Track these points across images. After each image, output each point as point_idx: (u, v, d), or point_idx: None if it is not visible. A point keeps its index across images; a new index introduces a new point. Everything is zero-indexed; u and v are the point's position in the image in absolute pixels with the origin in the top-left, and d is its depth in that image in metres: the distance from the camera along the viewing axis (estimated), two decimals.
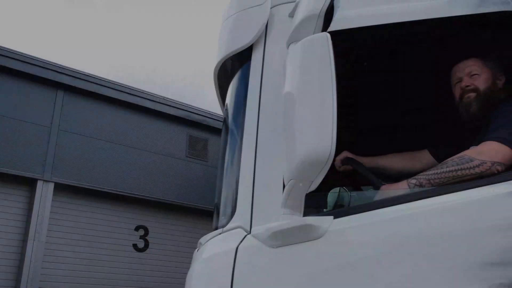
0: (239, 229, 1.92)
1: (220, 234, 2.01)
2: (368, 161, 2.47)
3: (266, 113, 2.06)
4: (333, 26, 1.93)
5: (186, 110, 10.89)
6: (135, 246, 9.78)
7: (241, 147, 2.07)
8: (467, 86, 2.15)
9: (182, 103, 10.99)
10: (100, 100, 10.06)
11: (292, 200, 1.73)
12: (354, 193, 2.28)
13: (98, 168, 9.59)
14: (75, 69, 9.91)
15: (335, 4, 2.00)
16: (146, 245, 10.00)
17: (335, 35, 1.99)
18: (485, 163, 1.80)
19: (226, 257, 1.84)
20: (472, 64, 2.17)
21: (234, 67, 2.30)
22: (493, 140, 1.87)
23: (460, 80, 2.19)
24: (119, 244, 9.60)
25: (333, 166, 2.10)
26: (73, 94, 9.78)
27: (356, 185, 2.55)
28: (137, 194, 9.89)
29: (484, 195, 1.73)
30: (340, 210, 1.89)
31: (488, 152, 1.83)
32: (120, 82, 10.45)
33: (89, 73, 10.23)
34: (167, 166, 10.44)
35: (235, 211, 1.98)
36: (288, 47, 1.90)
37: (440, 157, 2.32)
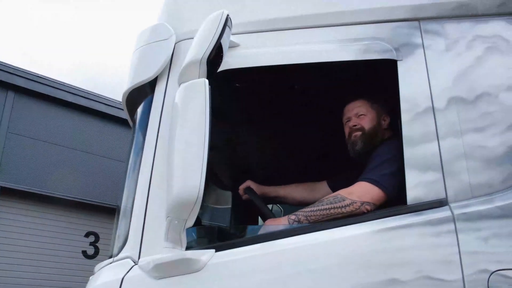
0: (128, 259, 1.99)
1: (111, 263, 2.07)
2: (270, 191, 2.59)
3: (163, 147, 2.14)
4: (226, 66, 2.06)
5: None
6: (84, 253, 9.71)
7: (138, 178, 2.14)
8: (354, 125, 2.30)
9: None
10: (54, 103, 9.96)
11: (172, 235, 1.82)
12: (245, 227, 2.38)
13: (48, 173, 9.48)
14: (28, 71, 9.77)
15: (232, 44, 2.13)
16: (96, 251, 9.94)
17: (231, 73, 2.13)
18: (355, 202, 1.94)
19: (112, 287, 1.91)
20: (360, 105, 2.32)
21: (139, 98, 2.37)
22: (365, 181, 2.02)
23: (349, 119, 2.34)
24: (68, 251, 9.51)
25: None
26: (26, 96, 9.63)
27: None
28: (89, 200, 9.82)
29: (351, 233, 1.87)
30: (223, 244, 1.98)
31: (359, 192, 1.97)
32: (77, 86, 10.37)
33: (43, 75, 10.11)
34: (120, 172, 10.38)
35: (126, 241, 2.05)
36: (179, 86, 2.00)
37: (335, 189, 2.46)
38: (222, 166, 3.44)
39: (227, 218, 3.53)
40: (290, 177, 2.87)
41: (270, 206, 3.70)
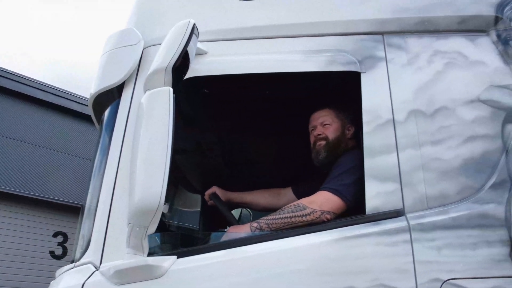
0: (89, 265, 1.99)
1: (72, 268, 2.07)
2: (236, 196, 2.62)
3: (128, 153, 2.14)
4: (193, 73, 2.08)
5: None
6: (52, 253, 9.54)
7: (102, 183, 2.14)
8: (319, 134, 2.36)
9: None
10: (24, 100, 9.76)
11: (133, 241, 1.82)
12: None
13: (15, 171, 9.28)
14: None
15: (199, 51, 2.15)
16: (65, 252, 9.77)
17: (200, 79, 2.16)
18: (316, 211, 1.99)
19: None
20: (325, 115, 2.38)
21: (106, 102, 2.37)
22: (326, 190, 2.07)
23: (314, 128, 2.39)
24: (35, 251, 9.34)
25: None
26: None
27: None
28: (57, 199, 9.66)
29: (311, 242, 1.91)
30: (185, 250, 2.00)
31: (320, 201, 2.02)
32: (49, 83, 10.19)
33: (13, 72, 9.90)
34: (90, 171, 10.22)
35: (88, 246, 2.05)
36: (145, 92, 2.01)
37: (300, 195, 2.51)
38: (192, 170, 3.46)
39: (197, 222, 3.54)
40: (257, 182, 2.90)
41: (239, 210, 3.75)
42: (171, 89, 1.81)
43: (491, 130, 2.03)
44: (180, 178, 3.53)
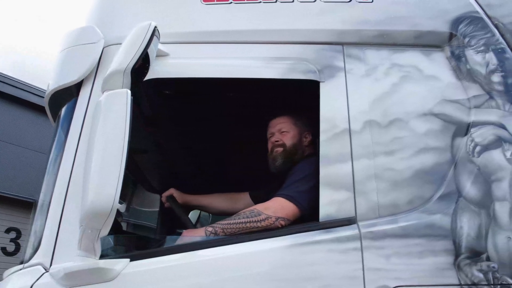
0: (39, 266, 1.95)
1: (21, 269, 2.02)
2: (193, 199, 2.62)
3: (83, 154, 2.10)
4: (153, 74, 2.07)
5: None
6: (3, 249, 9.23)
7: (55, 182, 2.10)
8: (276, 141, 2.39)
9: None
10: None
11: (85, 243, 1.80)
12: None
13: None
14: None
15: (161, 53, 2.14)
16: (17, 248, 9.49)
17: (160, 80, 2.15)
18: (270, 217, 2.01)
19: None
20: (283, 122, 2.41)
21: (63, 100, 2.33)
22: (281, 197, 2.10)
23: (272, 135, 2.42)
24: None
25: None
26: None
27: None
28: (10, 194, 9.35)
29: (264, 247, 1.93)
30: (138, 253, 1.99)
31: (274, 207, 2.05)
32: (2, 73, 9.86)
33: None
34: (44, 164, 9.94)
35: (39, 247, 2.01)
36: (102, 92, 1.98)
37: (257, 200, 2.53)
38: (152, 170, 3.44)
39: (156, 222, 3.52)
40: (214, 185, 2.91)
41: (198, 211, 3.75)
42: (129, 91, 1.79)
43: (442, 143, 2.10)
44: (140, 178, 3.50)
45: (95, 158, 1.72)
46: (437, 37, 2.27)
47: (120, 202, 3.64)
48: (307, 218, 2.08)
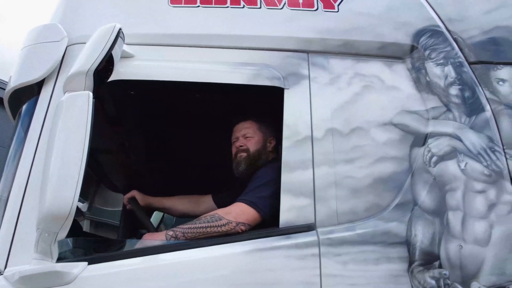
0: None
1: None
2: (155, 201, 2.61)
3: (43, 153, 2.07)
4: (118, 76, 2.06)
5: None
6: None
7: (13, 182, 2.06)
8: (241, 146, 2.41)
9: None
10: None
11: (42, 246, 1.77)
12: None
13: None
14: None
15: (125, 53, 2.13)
16: None
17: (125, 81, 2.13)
18: (231, 223, 2.03)
19: None
20: (248, 127, 2.43)
21: (24, 98, 2.28)
22: (242, 202, 2.12)
23: (237, 139, 2.44)
24: None
25: None
26: None
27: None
28: None
29: (223, 252, 1.95)
30: (96, 257, 1.97)
31: (235, 212, 2.07)
32: None
33: None
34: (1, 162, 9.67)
35: None
36: (64, 93, 1.95)
37: (219, 204, 2.54)
38: (116, 170, 3.40)
39: (120, 221, 3.49)
40: (178, 187, 2.90)
41: (161, 214, 3.74)
42: (91, 94, 1.78)
43: (400, 153, 2.16)
44: (103, 177, 3.47)
45: (54, 160, 1.70)
46: (399, 49, 2.32)
47: (81, 201, 3.61)
48: (267, 223, 2.10)
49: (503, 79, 2.29)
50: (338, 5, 2.37)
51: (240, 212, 2.07)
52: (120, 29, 1.93)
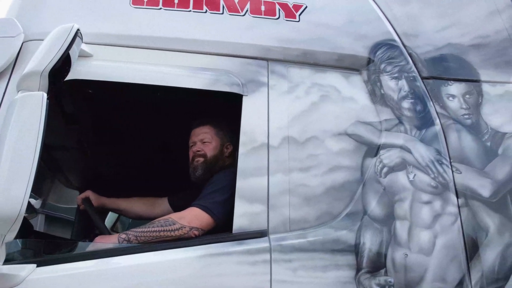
0: None
1: None
2: (110, 202, 2.59)
3: None
4: (75, 75, 2.04)
5: None
6: None
7: None
8: (198, 151, 2.42)
9: None
10: None
11: None
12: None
13: None
14: None
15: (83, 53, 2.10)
16: None
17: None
18: (184, 227, 2.04)
19: None
20: (206, 132, 2.45)
21: None
22: (196, 207, 2.14)
23: (194, 144, 2.45)
24: None
25: None
26: None
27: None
28: None
29: (176, 257, 1.96)
30: (47, 258, 1.95)
31: (189, 217, 2.08)
32: None
33: None
34: None
35: None
36: (18, 92, 1.91)
37: (175, 206, 2.55)
38: (72, 167, 3.35)
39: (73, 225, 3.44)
40: (135, 188, 2.89)
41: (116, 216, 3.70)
42: (45, 95, 1.75)
43: (353, 163, 2.22)
44: (59, 174, 3.41)
45: (3, 160, 1.66)
46: (357, 61, 2.38)
47: (35, 198, 3.53)
48: (221, 229, 2.13)
49: (452, 95, 2.39)
50: (300, 15, 2.40)
51: (194, 217, 2.08)
52: (78, 29, 1.91)
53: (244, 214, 2.06)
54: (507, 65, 2.50)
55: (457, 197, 2.19)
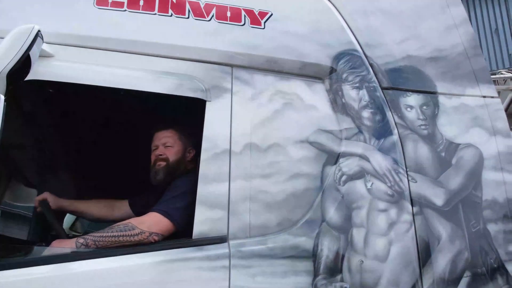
0: None
1: None
2: (69, 204, 2.55)
3: None
4: (35, 75, 2.00)
5: None
6: None
7: None
8: (160, 155, 2.41)
9: None
10: None
11: None
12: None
13: None
14: None
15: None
16: None
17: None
18: (144, 232, 2.04)
19: None
20: (168, 136, 2.44)
21: None
22: (156, 212, 2.13)
23: (156, 148, 2.44)
24: None
25: None
26: None
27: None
28: None
29: (134, 262, 1.95)
30: (0, 263, 1.90)
31: (149, 222, 2.07)
32: None
33: None
34: None
35: None
36: None
37: (135, 210, 2.53)
38: (30, 166, 3.27)
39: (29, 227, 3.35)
40: (94, 190, 2.85)
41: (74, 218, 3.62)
42: (2, 97, 1.71)
43: (314, 170, 2.26)
44: (16, 173, 3.32)
45: None
46: (320, 70, 2.43)
47: None
48: (181, 234, 2.13)
49: (410, 106, 2.47)
50: (265, 22, 2.42)
51: (153, 222, 2.08)
52: (39, 30, 1.87)
53: (204, 220, 2.06)
54: (463, 78, 2.60)
55: (412, 206, 2.27)
